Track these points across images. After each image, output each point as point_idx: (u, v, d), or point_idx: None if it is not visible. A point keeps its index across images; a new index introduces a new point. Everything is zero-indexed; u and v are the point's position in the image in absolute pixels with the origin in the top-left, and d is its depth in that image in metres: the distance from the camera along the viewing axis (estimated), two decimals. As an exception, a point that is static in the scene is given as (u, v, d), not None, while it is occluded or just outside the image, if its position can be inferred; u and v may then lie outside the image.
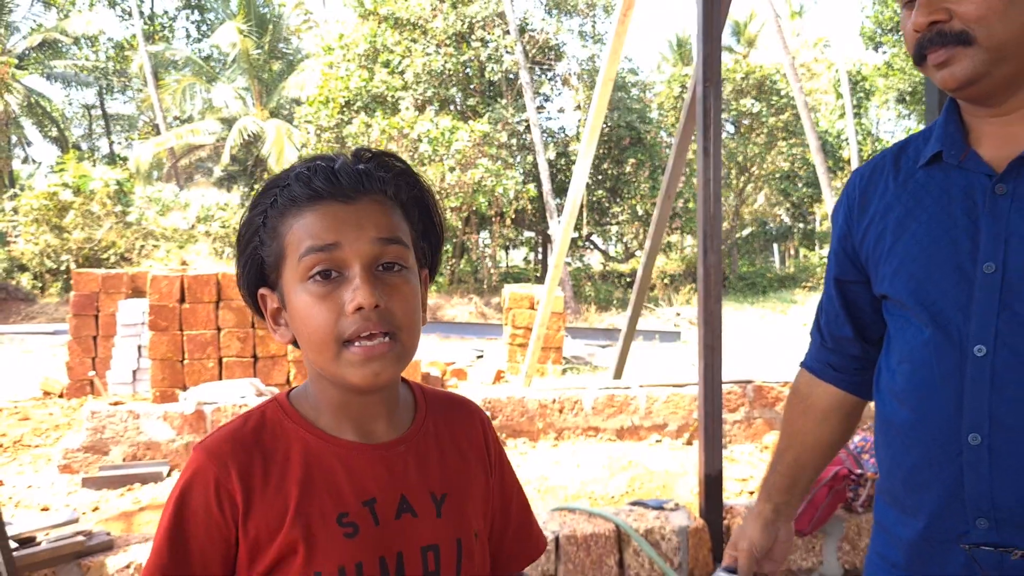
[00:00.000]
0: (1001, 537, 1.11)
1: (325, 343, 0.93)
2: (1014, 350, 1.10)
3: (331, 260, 0.93)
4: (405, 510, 0.98)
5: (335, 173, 0.95)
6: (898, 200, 1.26)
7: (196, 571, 0.93)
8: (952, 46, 1.11)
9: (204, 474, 0.94)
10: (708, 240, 3.63)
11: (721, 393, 3.69)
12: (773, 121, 24.09)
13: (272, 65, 29.54)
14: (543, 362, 10.15)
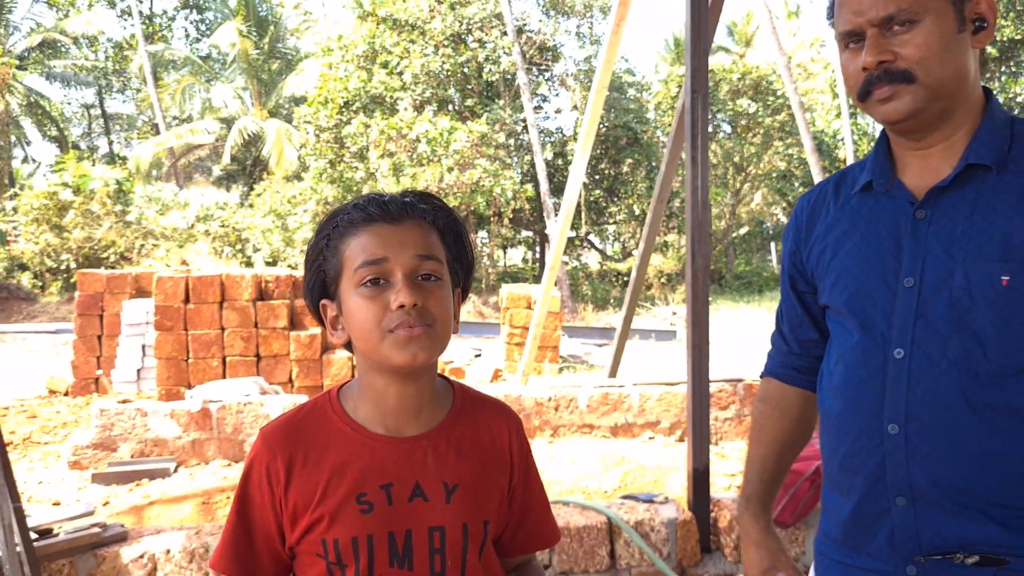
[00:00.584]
0: (918, 512, 1.27)
1: (373, 331, 1.14)
2: (927, 353, 1.26)
3: (380, 271, 1.15)
4: (417, 495, 1.18)
5: (385, 202, 1.19)
6: (837, 222, 1.43)
7: (257, 530, 1.20)
8: (897, 83, 1.26)
9: (260, 458, 1.20)
10: (696, 244, 3.79)
11: (708, 391, 3.85)
12: (769, 121, 24.24)
13: (271, 65, 29.66)
14: (540, 361, 10.31)
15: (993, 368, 1.23)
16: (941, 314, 1.26)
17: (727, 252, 27.49)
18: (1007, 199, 1.24)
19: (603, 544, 3.63)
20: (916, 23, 1.24)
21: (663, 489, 4.74)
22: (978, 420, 1.23)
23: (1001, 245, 1.23)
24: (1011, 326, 1.22)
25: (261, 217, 22.60)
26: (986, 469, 1.22)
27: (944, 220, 1.29)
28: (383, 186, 19.45)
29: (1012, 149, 1.28)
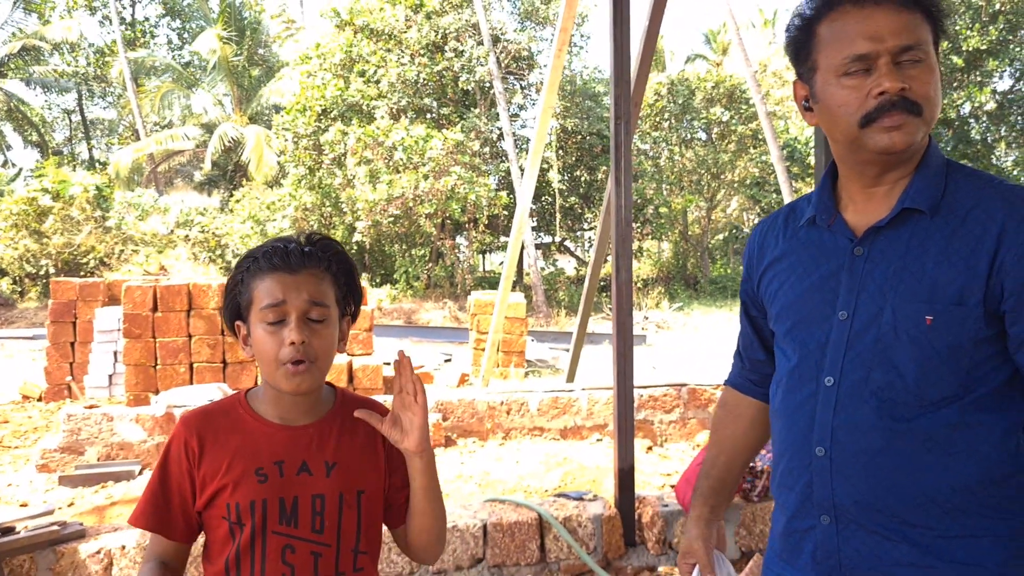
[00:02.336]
0: (839, 529, 1.38)
1: (271, 361, 1.47)
2: (853, 383, 1.35)
3: (279, 312, 1.47)
4: (303, 470, 1.51)
5: (288, 252, 1.49)
6: (784, 253, 1.52)
7: (173, 493, 1.51)
8: (907, 114, 1.29)
9: (179, 436, 1.52)
10: (620, 260, 4.06)
11: (633, 396, 4.11)
12: (743, 129, 24.64)
13: (252, 72, 29.81)
14: (506, 365, 10.57)
15: (911, 400, 1.31)
16: (868, 347, 1.34)
17: (703, 257, 27.84)
18: (936, 243, 1.31)
19: (533, 539, 3.86)
20: (923, 61, 1.29)
21: (600, 488, 5.00)
22: (895, 446, 1.32)
23: (928, 286, 1.30)
24: (931, 363, 1.30)
25: (240, 223, 22.75)
26: (901, 491, 1.31)
27: (879, 258, 1.36)
28: (360, 192, 19.64)
29: (945, 194, 1.34)
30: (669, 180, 25.79)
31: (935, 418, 1.30)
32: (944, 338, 1.29)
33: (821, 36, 1.36)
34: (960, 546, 1.31)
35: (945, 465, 1.30)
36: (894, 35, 1.28)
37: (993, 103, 26.62)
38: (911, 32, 1.29)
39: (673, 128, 25.51)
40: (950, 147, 27.15)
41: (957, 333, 1.29)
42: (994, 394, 1.32)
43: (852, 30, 1.31)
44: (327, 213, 21.87)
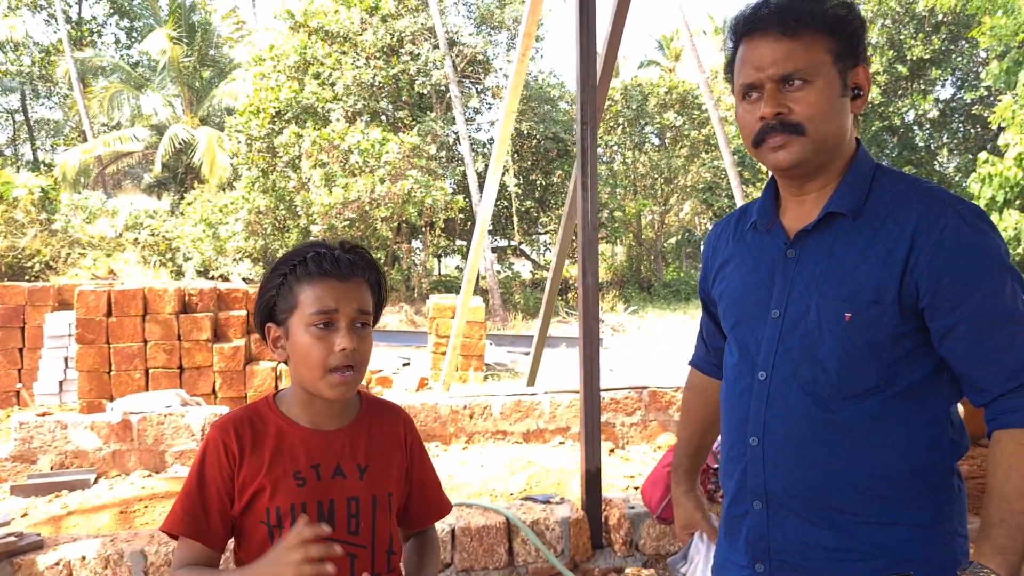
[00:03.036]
0: (770, 515, 1.48)
1: (317, 368, 1.48)
2: (783, 377, 1.45)
3: (330, 317, 1.48)
4: (338, 473, 1.54)
5: (337, 259, 1.51)
6: (732, 255, 1.64)
7: (212, 498, 1.50)
8: (789, 134, 1.41)
9: (216, 441, 1.51)
10: (587, 264, 4.08)
11: (599, 399, 4.15)
12: (695, 134, 24.96)
13: (203, 73, 29.36)
14: (465, 369, 10.57)
15: (835, 393, 1.40)
16: (796, 343, 1.44)
17: (656, 261, 28.12)
18: (857, 245, 1.41)
19: (501, 543, 3.87)
20: (809, 83, 1.39)
21: (566, 490, 5.03)
22: (822, 437, 1.41)
23: (848, 285, 1.39)
24: (851, 357, 1.39)
25: (192, 226, 22.39)
26: (827, 479, 1.41)
27: (808, 260, 1.46)
28: (316, 195, 19.47)
29: (869, 198, 1.43)
30: (623, 184, 26.01)
31: (858, 410, 1.39)
32: (863, 334, 1.38)
33: (735, 64, 1.49)
34: (882, 532, 1.40)
35: (868, 455, 1.39)
36: (774, 64, 1.39)
37: (936, 111, 27.36)
38: (792, 59, 1.39)
39: (627, 133, 25.75)
40: (895, 153, 27.83)
41: (875, 329, 1.38)
42: (915, 387, 1.41)
43: (746, 59, 1.43)
44: (281, 216, 21.63)
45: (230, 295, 8.24)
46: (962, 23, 25.18)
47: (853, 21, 1.42)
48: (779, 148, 1.42)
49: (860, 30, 1.43)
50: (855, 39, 1.42)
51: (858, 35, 1.43)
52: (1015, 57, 20.92)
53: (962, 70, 27.57)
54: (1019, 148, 19.66)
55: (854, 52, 1.42)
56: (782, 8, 1.41)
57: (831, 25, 1.40)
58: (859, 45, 1.43)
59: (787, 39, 1.39)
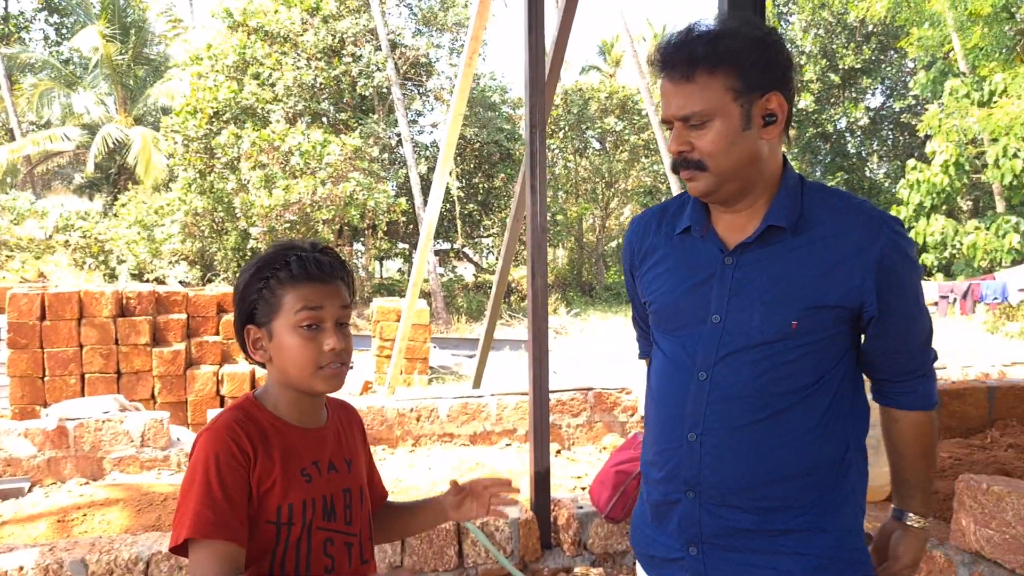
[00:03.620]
0: (701, 503, 1.56)
1: (308, 366, 1.52)
2: (723, 378, 1.53)
3: (316, 317, 1.52)
4: (332, 468, 1.61)
5: (320, 263, 1.55)
6: (663, 257, 1.67)
7: (236, 495, 1.47)
8: (693, 170, 1.51)
9: (224, 443, 1.48)
10: (536, 267, 4.12)
11: (548, 400, 4.18)
12: (635, 139, 25.28)
13: (137, 71, 28.67)
14: (410, 372, 10.53)
15: (774, 391, 1.50)
16: (739, 347, 1.52)
17: (597, 264, 28.39)
18: (798, 256, 1.51)
19: (451, 544, 3.87)
20: (708, 123, 1.46)
21: (513, 492, 5.05)
22: (759, 433, 1.51)
23: (793, 295, 1.49)
24: (793, 360, 1.50)
25: (126, 228, 21.85)
26: (760, 470, 1.51)
27: (748, 268, 1.53)
28: (255, 197, 19.18)
29: (802, 212, 1.54)
30: (565, 188, 26.20)
31: (794, 406, 1.51)
32: (806, 339, 1.49)
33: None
34: (805, 514, 1.53)
35: (801, 446, 1.51)
36: (677, 107, 1.49)
37: (867, 119, 28.20)
38: (688, 103, 1.47)
39: (568, 137, 25.94)
40: (828, 160, 28.59)
41: (817, 334, 1.50)
42: (841, 381, 1.55)
43: (661, 95, 1.53)
44: (219, 218, 21.25)
45: (169, 298, 8.08)
46: (891, 34, 26.02)
47: (751, 54, 1.46)
48: (690, 180, 1.53)
49: (764, 59, 1.47)
50: (759, 70, 1.46)
51: (763, 64, 1.46)
52: (941, 68, 21.70)
53: (891, 79, 28.50)
54: (945, 156, 20.39)
55: (760, 82, 1.47)
56: (678, 51, 1.48)
57: (727, 62, 1.45)
58: (766, 73, 1.47)
59: (684, 82, 1.47)
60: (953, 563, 2.77)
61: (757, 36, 1.48)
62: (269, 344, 1.56)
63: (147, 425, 5.74)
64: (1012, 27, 19.77)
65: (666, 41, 1.52)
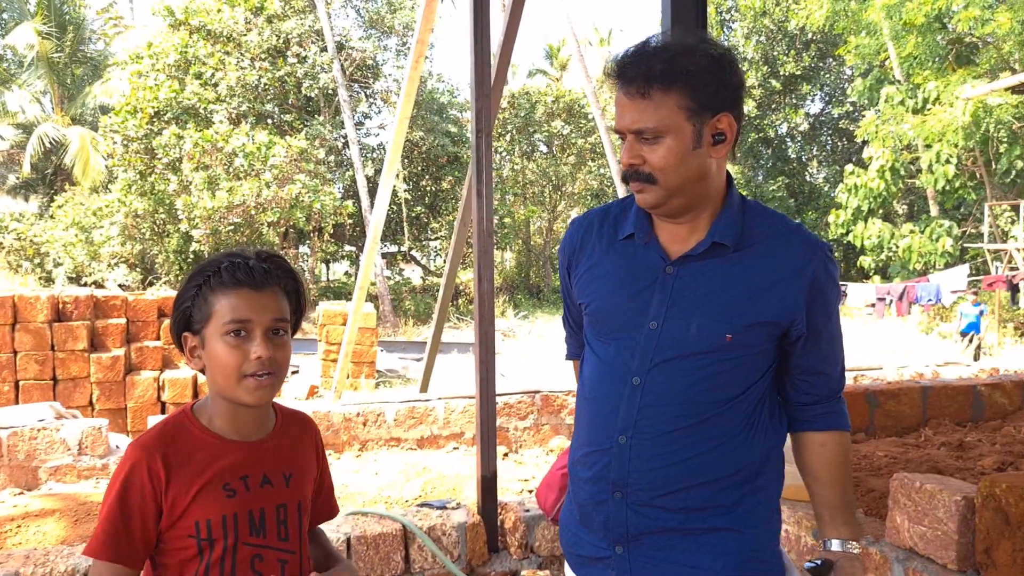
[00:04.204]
0: (628, 504, 1.60)
1: (233, 375, 1.48)
2: (657, 384, 1.57)
3: (243, 324, 1.49)
4: (266, 482, 1.57)
5: (251, 268, 1.51)
6: (602, 260, 1.69)
7: (135, 521, 1.48)
8: (643, 182, 1.55)
9: (139, 462, 1.48)
10: (482, 271, 4.12)
11: (495, 404, 4.19)
12: (582, 143, 25.47)
13: (75, 70, 27.95)
14: (357, 376, 10.46)
15: (705, 400, 1.55)
16: (674, 355, 1.56)
17: (545, 267, 28.51)
18: (738, 273, 1.57)
19: (398, 550, 3.85)
20: (660, 139, 1.50)
21: (461, 495, 5.05)
22: (687, 438, 1.56)
23: (731, 310, 1.55)
24: (725, 372, 1.56)
25: (63, 230, 21.29)
26: (686, 474, 1.56)
27: (689, 279, 1.58)
28: (198, 199, 18.86)
29: (744, 231, 1.59)
30: (512, 191, 26.27)
31: (722, 414, 1.57)
32: (739, 352, 1.56)
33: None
34: (727, 515, 1.59)
35: (725, 452, 1.57)
36: (631, 121, 1.52)
37: (806, 124, 28.82)
38: (643, 118, 1.51)
39: (515, 140, 26.02)
40: (770, 164, 29.16)
41: (749, 348, 1.57)
42: (763, 391, 1.62)
43: (616, 106, 1.56)
44: (160, 220, 20.83)
45: (108, 303, 7.89)
46: (830, 42, 26.64)
47: (706, 74, 1.49)
48: (639, 192, 1.56)
49: (718, 81, 1.51)
50: (713, 91, 1.50)
51: (718, 86, 1.50)
52: (877, 75, 22.30)
53: (830, 86, 29.18)
54: (881, 161, 20.96)
55: (713, 103, 1.50)
56: (635, 65, 1.51)
57: (683, 82, 1.48)
58: (719, 95, 1.51)
59: (639, 97, 1.50)
60: (888, 559, 2.85)
61: (713, 56, 1.51)
62: (203, 351, 1.53)
63: (84, 433, 5.61)
64: (944, 37, 20.42)
65: (624, 53, 1.54)
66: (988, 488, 2.49)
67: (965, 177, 20.89)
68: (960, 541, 2.58)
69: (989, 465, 3.83)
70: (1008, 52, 19.60)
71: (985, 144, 19.48)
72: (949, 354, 15.03)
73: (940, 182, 19.72)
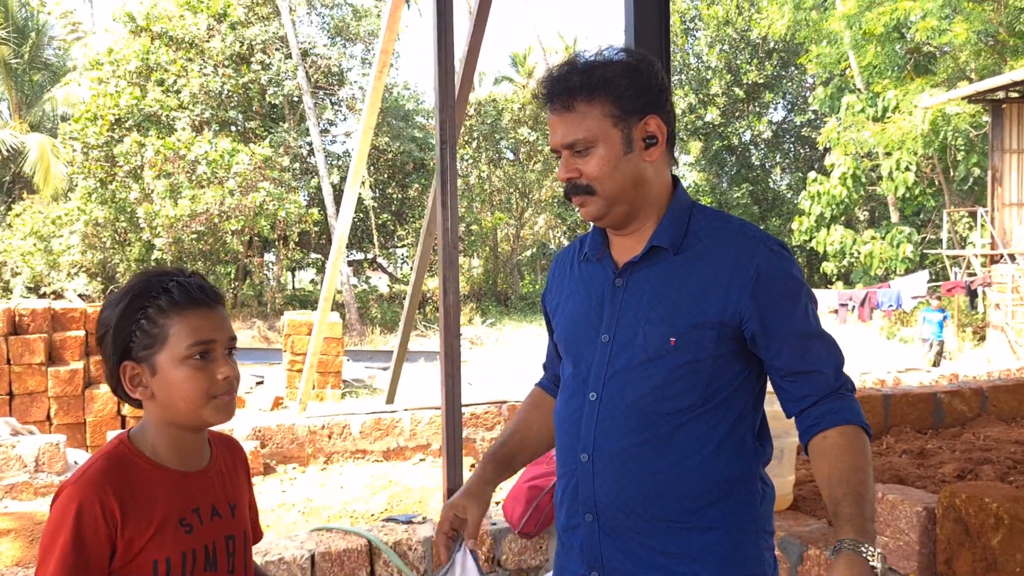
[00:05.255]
0: (600, 525, 1.56)
1: (199, 398, 1.41)
2: (612, 397, 1.55)
3: (208, 347, 1.42)
4: (215, 514, 1.50)
5: (203, 288, 1.46)
6: (568, 282, 1.72)
7: (92, 559, 1.38)
8: (582, 195, 1.55)
9: (90, 501, 1.38)
10: (448, 283, 4.10)
11: (461, 417, 4.17)
12: (548, 150, 25.52)
13: (33, 76, 27.49)
14: (323, 387, 10.36)
15: (658, 410, 1.52)
16: (624, 365, 1.54)
17: (512, 274, 28.52)
18: (679, 275, 1.55)
19: (363, 566, 3.81)
20: (591, 149, 1.52)
21: (427, 508, 5.02)
22: (644, 452, 1.52)
23: (672, 312, 1.52)
24: (674, 379, 1.51)
25: (21, 239, 20.89)
26: (648, 490, 1.52)
27: (635, 288, 1.57)
28: (160, 207, 18.61)
29: (688, 234, 1.58)
30: (479, 198, 26.27)
31: (677, 425, 1.52)
32: (685, 356, 1.51)
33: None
34: (698, 536, 1.53)
35: (685, 466, 1.52)
36: (561, 136, 1.54)
37: (769, 132, 29.16)
38: (570, 131, 1.53)
39: (482, 147, 26.03)
40: (734, 171, 29.45)
41: (696, 352, 1.51)
42: (726, 402, 1.55)
43: (549, 129, 1.59)
44: (121, 229, 20.52)
45: (66, 315, 7.75)
46: (792, 51, 27.00)
47: (624, 79, 1.52)
48: (580, 205, 1.57)
49: (637, 85, 1.53)
50: (634, 95, 1.52)
51: (638, 90, 1.53)
52: (838, 84, 22.64)
53: (792, 94, 29.56)
54: (843, 168, 21.26)
55: (636, 107, 1.52)
56: (555, 85, 1.54)
57: (602, 90, 1.51)
58: (640, 98, 1.53)
59: (565, 112, 1.53)
60: (851, 569, 2.86)
61: (629, 63, 1.54)
62: (152, 379, 1.44)
63: (42, 449, 5.49)
64: (903, 47, 20.78)
65: (547, 75, 1.58)
66: (948, 499, 2.52)
67: (924, 184, 21.27)
68: (922, 552, 2.61)
69: (950, 472, 3.88)
70: (965, 62, 20.01)
71: (943, 152, 19.84)
72: (911, 359, 15.27)
73: (900, 189, 20.04)
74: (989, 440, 5.31)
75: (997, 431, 5.67)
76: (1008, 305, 15.55)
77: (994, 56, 19.52)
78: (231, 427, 6.02)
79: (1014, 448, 5.06)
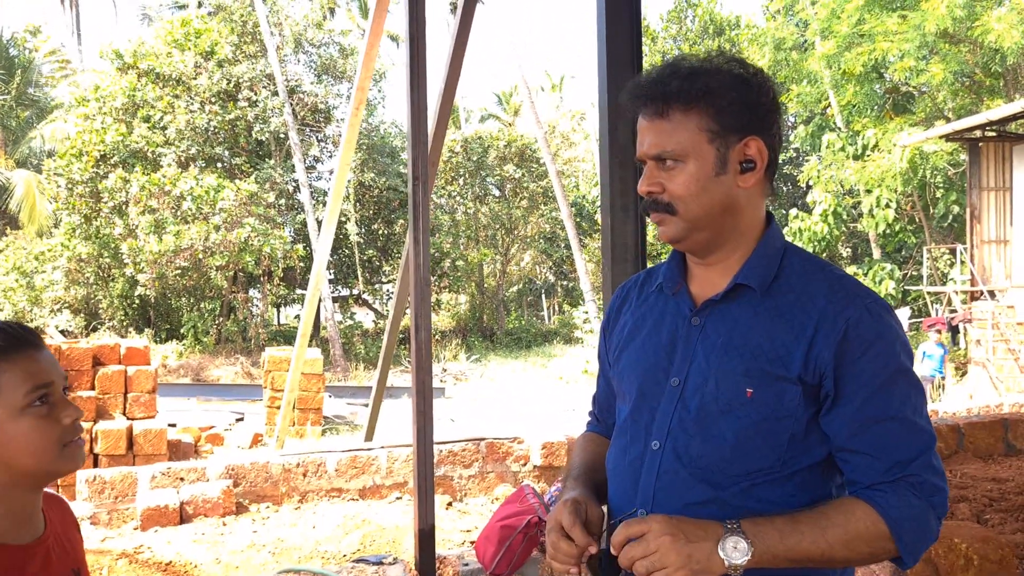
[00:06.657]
0: None
1: (50, 449, 1.26)
2: (675, 449, 1.38)
3: (48, 390, 1.27)
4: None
5: (24, 328, 1.31)
6: (634, 315, 1.55)
7: None
8: (662, 213, 1.38)
9: None
10: (420, 319, 4.10)
11: (433, 456, 4.13)
12: (534, 187, 25.70)
13: (20, 113, 27.56)
14: (303, 423, 10.27)
15: (727, 469, 1.34)
16: (692, 415, 1.37)
17: (498, 310, 28.51)
18: (763, 320, 1.36)
19: (331, 607, 3.77)
20: (681, 163, 1.35)
21: (400, 549, 4.95)
22: (708, 513, 1.31)
23: (750, 361, 1.34)
24: (748, 435, 1.33)
25: (3, 275, 20.78)
26: None
27: (711, 329, 1.40)
28: (144, 244, 18.57)
29: (779, 276, 1.40)
30: (465, 234, 26.35)
31: (748, 489, 1.34)
32: (762, 411, 1.33)
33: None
34: None
35: None
36: (649, 145, 1.38)
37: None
38: (661, 141, 1.37)
39: (468, 184, 26.18)
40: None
41: (775, 407, 1.33)
42: (805, 471, 1.36)
43: (637, 132, 1.42)
44: (105, 264, 20.44)
45: (42, 351, 7.67)
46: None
47: (730, 93, 1.35)
48: (659, 223, 1.41)
49: (743, 100, 1.36)
50: (738, 112, 1.36)
51: (743, 106, 1.36)
52: (819, 123, 22.94)
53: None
54: (824, 205, 21.47)
55: (738, 124, 1.36)
56: (653, 87, 1.38)
57: (702, 101, 1.35)
58: (745, 115, 1.36)
59: (659, 119, 1.37)
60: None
61: (739, 76, 1.37)
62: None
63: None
64: (882, 86, 21.10)
65: (645, 75, 1.42)
66: (912, 539, 2.50)
67: (905, 221, 21.48)
68: (888, 592, 2.59)
69: (922, 510, 3.86)
70: (942, 101, 20.32)
71: (923, 189, 20.08)
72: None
73: (881, 226, 20.23)
74: (966, 478, 5.30)
75: (974, 468, 5.66)
76: (988, 341, 15.64)
77: (971, 96, 19.85)
78: (204, 465, 5.97)
79: (990, 486, 5.05)
